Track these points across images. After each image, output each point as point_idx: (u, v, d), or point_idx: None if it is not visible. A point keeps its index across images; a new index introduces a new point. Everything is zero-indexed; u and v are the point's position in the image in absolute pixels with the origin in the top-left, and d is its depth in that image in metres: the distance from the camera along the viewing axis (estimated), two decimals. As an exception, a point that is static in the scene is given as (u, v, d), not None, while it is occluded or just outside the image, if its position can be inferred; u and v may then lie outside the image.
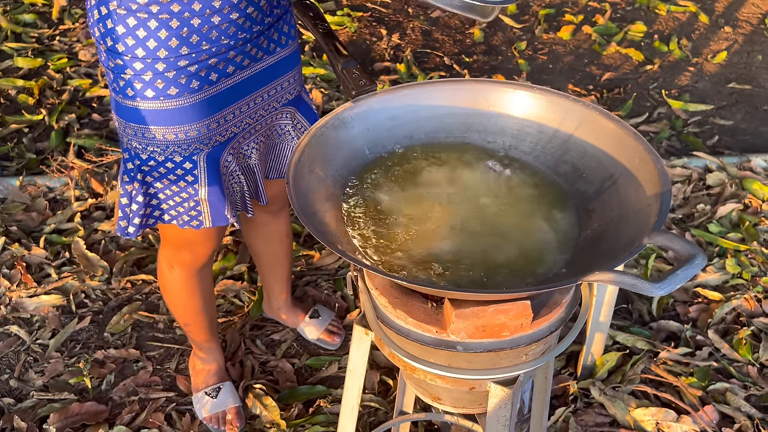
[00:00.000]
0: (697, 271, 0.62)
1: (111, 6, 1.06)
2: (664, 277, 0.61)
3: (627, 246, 0.70)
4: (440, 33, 3.11)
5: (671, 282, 0.61)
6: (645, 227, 0.70)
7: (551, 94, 0.91)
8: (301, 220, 0.71)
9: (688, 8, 3.35)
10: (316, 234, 0.71)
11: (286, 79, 1.31)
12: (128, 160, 1.22)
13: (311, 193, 0.79)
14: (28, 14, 3.15)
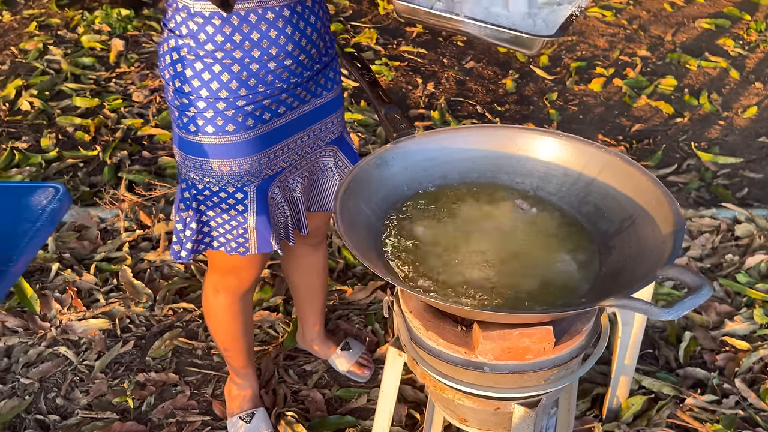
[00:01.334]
0: (703, 300, 0.68)
1: (182, 52, 1.19)
2: (672, 304, 0.68)
3: (642, 278, 0.76)
4: (473, 83, 3.23)
5: (679, 309, 0.67)
6: (660, 262, 0.77)
7: (576, 140, 0.99)
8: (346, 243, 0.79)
9: (718, 64, 3.42)
10: (360, 257, 0.80)
11: (330, 120, 1.41)
12: (185, 189, 1.33)
13: (355, 223, 0.88)
14: (87, 57, 3.38)
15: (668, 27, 3.79)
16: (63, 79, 3.22)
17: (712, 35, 3.72)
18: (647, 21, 3.85)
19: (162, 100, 3.08)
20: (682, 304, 0.68)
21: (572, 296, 0.84)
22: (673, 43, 3.63)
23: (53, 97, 3.11)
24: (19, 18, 3.80)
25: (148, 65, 3.33)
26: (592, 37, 3.67)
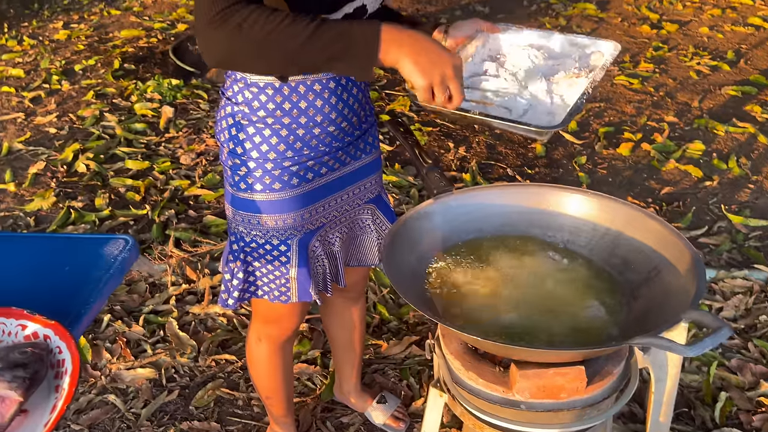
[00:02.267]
0: (723, 339, 0.74)
1: (237, 117, 1.32)
2: (694, 342, 0.74)
3: (668, 321, 0.83)
4: (504, 147, 3.35)
5: (701, 347, 0.73)
6: (683, 306, 0.83)
7: (602, 197, 1.07)
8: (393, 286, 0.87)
9: (746, 129, 3.48)
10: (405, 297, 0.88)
11: (369, 180, 1.52)
12: (234, 242, 1.44)
13: (400, 269, 0.96)
14: (139, 123, 3.60)
15: (695, 94, 3.89)
16: (117, 143, 3.43)
17: (738, 102, 3.80)
18: (673, 88, 3.96)
19: (207, 162, 3.26)
20: (702, 342, 0.74)
21: (602, 339, 0.91)
22: (700, 110, 3.71)
23: (107, 160, 3.31)
24: (77, 87, 4.08)
25: (195, 130, 3.53)
26: (620, 103, 3.79)
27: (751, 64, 4.26)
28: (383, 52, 0.96)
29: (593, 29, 4.84)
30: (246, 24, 0.95)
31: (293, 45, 0.96)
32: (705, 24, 4.87)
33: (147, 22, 5.11)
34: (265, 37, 0.95)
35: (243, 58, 1.00)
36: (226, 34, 0.96)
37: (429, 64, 0.97)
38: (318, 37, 0.96)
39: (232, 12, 0.96)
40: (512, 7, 5.34)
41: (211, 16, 0.97)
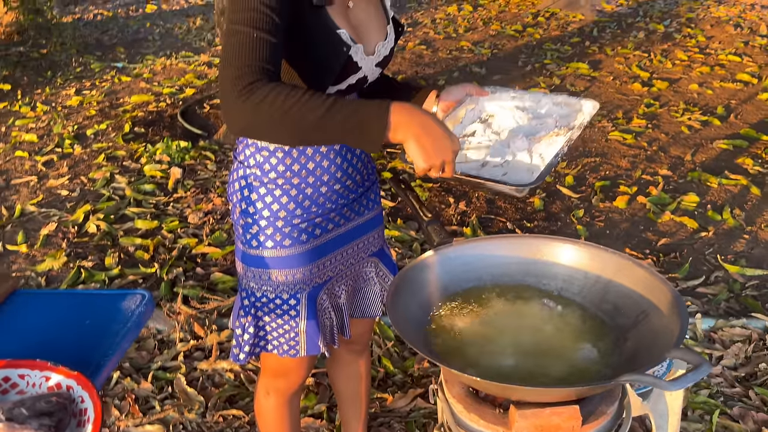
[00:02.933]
0: (704, 375, 0.79)
1: (249, 179, 1.40)
2: (677, 379, 0.79)
3: (655, 360, 0.88)
4: (503, 201, 3.44)
5: (683, 382, 0.79)
6: (669, 345, 0.89)
7: (593, 247, 1.15)
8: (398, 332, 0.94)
9: (739, 181, 3.58)
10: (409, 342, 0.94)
11: (372, 234, 1.60)
12: (245, 297, 1.50)
13: (404, 316, 1.02)
14: (148, 184, 3.71)
15: (687, 148, 4.01)
16: (126, 204, 3.53)
17: (730, 155, 3.92)
18: (666, 143, 4.08)
19: (215, 221, 3.35)
20: (684, 378, 0.79)
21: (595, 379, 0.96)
22: (693, 163, 3.82)
23: (117, 220, 3.40)
24: (89, 151, 4.22)
25: (202, 190, 3.64)
26: (615, 158, 3.90)
27: (741, 119, 4.40)
28: (392, 132, 1.04)
29: (586, 88, 5.02)
30: (268, 99, 1.04)
31: (310, 121, 1.04)
32: (694, 81, 5.05)
33: (156, 87, 5.31)
34: (286, 112, 1.04)
35: (264, 130, 1.09)
36: (250, 108, 1.05)
37: (433, 150, 1.05)
38: (333, 114, 1.04)
39: (255, 88, 1.05)
40: (508, 67, 5.54)
41: (238, 91, 1.06)
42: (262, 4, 1.11)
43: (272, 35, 1.12)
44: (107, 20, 7.68)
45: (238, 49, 1.10)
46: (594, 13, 7.08)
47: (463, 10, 7.38)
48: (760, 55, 5.61)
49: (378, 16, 1.35)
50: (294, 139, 1.14)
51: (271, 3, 1.12)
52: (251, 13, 1.11)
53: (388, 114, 1.04)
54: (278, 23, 1.13)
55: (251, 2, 1.12)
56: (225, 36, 1.14)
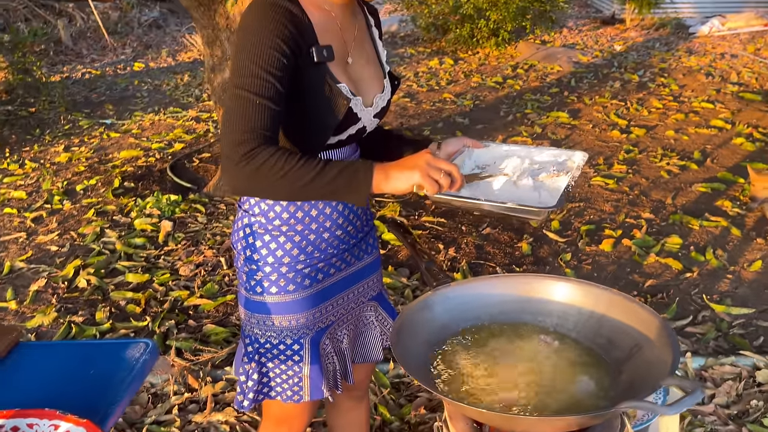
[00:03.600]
0: (697, 399, 0.83)
1: (254, 227, 1.44)
2: (674, 403, 0.83)
3: (650, 388, 0.92)
4: (491, 246, 3.49)
5: (678, 406, 0.82)
6: (663, 374, 0.93)
7: (585, 284, 1.19)
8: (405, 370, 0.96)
9: (719, 223, 3.68)
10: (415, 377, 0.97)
11: (371, 278, 1.63)
12: (249, 344, 1.52)
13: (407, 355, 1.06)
14: (139, 238, 3.73)
15: (667, 191, 4.12)
16: (117, 258, 3.54)
17: (709, 197, 4.03)
18: (647, 187, 4.20)
19: (206, 273, 3.36)
20: (680, 403, 0.83)
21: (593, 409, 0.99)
22: (674, 206, 3.93)
23: (108, 274, 3.40)
24: (78, 206, 4.24)
25: (193, 242, 3.66)
26: (598, 202, 4.00)
27: (717, 163, 4.55)
28: (375, 186, 1.16)
29: (567, 135, 5.17)
30: (266, 166, 1.14)
31: (302, 183, 1.15)
32: (670, 127, 5.23)
33: (145, 143, 5.38)
34: (282, 177, 1.14)
35: (262, 192, 1.20)
36: (249, 173, 1.15)
37: (408, 166, 1.17)
38: (323, 175, 1.15)
39: (255, 154, 1.15)
40: (490, 117, 5.70)
41: (239, 157, 1.15)
42: (266, 72, 1.18)
43: (274, 102, 1.19)
44: (95, 78, 7.80)
45: (241, 114, 1.18)
46: (571, 64, 7.34)
47: (445, 64, 7.61)
48: (731, 101, 5.84)
49: (375, 70, 1.43)
50: (289, 198, 1.25)
51: (274, 71, 1.19)
52: (255, 80, 1.18)
53: (371, 172, 1.15)
54: (280, 90, 1.21)
55: (255, 69, 1.19)
56: (228, 99, 1.21)
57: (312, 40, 1.27)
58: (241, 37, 1.21)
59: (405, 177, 1.16)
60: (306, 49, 1.25)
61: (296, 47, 1.23)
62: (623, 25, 9.55)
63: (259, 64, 1.18)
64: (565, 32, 9.28)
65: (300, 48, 1.24)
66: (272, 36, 1.19)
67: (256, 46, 1.19)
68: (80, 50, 9.22)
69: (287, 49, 1.21)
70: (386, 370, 2.52)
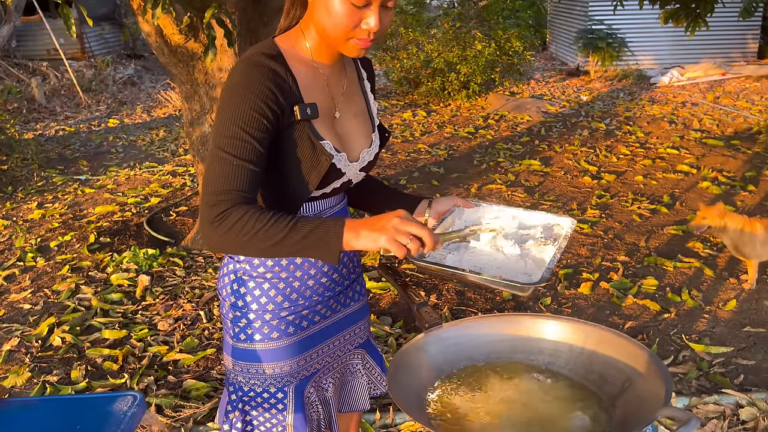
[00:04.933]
0: (693, 428, 0.85)
1: (239, 273, 1.45)
2: (670, 434, 0.84)
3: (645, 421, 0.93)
4: (472, 293, 3.51)
5: (676, 436, 0.84)
6: (656, 406, 0.95)
7: (574, 321, 1.21)
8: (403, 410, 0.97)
9: (692, 264, 3.76)
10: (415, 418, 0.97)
11: (358, 326, 1.63)
12: (233, 392, 1.50)
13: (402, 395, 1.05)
14: (115, 294, 3.67)
15: (640, 235, 4.21)
16: (93, 314, 3.46)
17: (680, 240, 4.13)
18: (621, 231, 4.29)
19: (185, 327, 3.31)
20: (677, 432, 0.85)
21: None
22: (648, 248, 4.01)
23: (83, 331, 3.33)
24: (52, 263, 4.17)
25: (171, 296, 3.61)
26: (574, 246, 4.06)
27: (686, 206, 4.68)
28: (345, 244, 1.15)
29: (540, 182, 5.28)
30: (237, 227, 1.16)
31: (273, 242, 1.16)
32: (639, 173, 5.38)
33: (121, 198, 5.35)
34: (252, 236, 1.16)
35: (235, 250, 1.21)
36: (221, 234, 1.17)
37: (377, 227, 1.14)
38: (293, 234, 1.16)
39: (226, 215, 1.17)
40: (464, 166, 5.81)
41: (212, 218, 1.18)
42: (247, 134, 1.20)
43: (253, 164, 1.21)
44: (69, 135, 7.79)
45: (219, 174, 1.20)
46: (540, 114, 7.56)
47: (418, 116, 7.78)
48: (695, 147, 6.05)
49: (364, 124, 1.45)
50: (262, 255, 1.25)
51: (255, 132, 1.21)
52: (235, 141, 1.20)
53: (342, 228, 1.15)
54: (260, 152, 1.22)
55: (236, 131, 1.20)
56: (209, 158, 1.23)
57: (296, 99, 1.28)
58: (225, 95, 1.23)
59: (372, 238, 1.13)
60: (289, 108, 1.27)
61: (278, 108, 1.24)
62: (588, 76, 9.91)
63: (240, 125, 1.20)
64: (533, 84, 9.59)
65: (282, 108, 1.25)
66: (254, 97, 1.21)
67: (238, 107, 1.20)
68: (54, 108, 9.23)
69: (269, 111, 1.22)
70: (372, 420, 2.49)
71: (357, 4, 1.18)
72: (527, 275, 1.19)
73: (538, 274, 1.17)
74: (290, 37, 1.33)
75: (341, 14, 1.19)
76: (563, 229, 1.35)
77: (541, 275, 1.16)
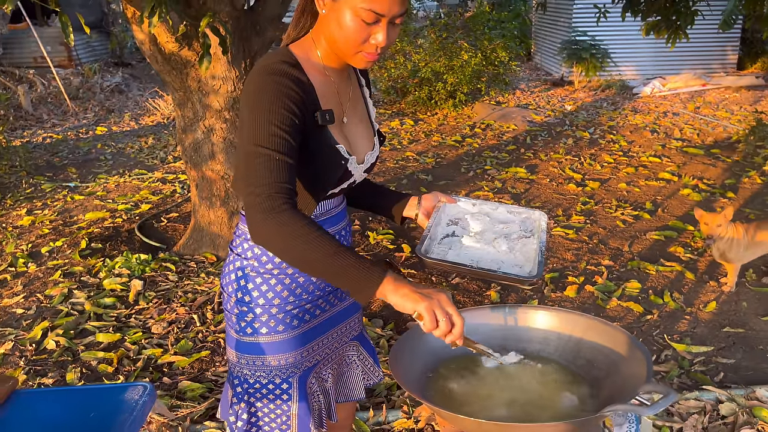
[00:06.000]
0: (672, 401, 0.93)
1: (246, 270, 1.51)
2: (653, 404, 0.92)
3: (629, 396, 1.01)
4: (461, 295, 3.59)
5: (656, 407, 0.91)
6: (639, 384, 1.03)
7: (562, 311, 1.29)
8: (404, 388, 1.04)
9: (674, 267, 3.87)
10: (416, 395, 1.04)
11: (353, 319, 1.71)
12: (238, 385, 1.56)
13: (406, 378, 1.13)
14: (108, 298, 3.70)
15: (624, 240, 4.32)
16: (86, 318, 3.49)
17: (662, 245, 4.25)
18: (605, 236, 4.40)
19: (179, 330, 3.35)
20: (658, 404, 0.92)
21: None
22: (631, 253, 4.12)
23: (77, 335, 3.35)
24: (44, 268, 4.18)
25: (165, 300, 3.65)
26: (560, 251, 4.16)
27: (668, 212, 4.81)
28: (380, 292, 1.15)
29: (526, 189, 5.39)
30: (292, 226, 1.18)
31: (315, 256, 1.17)
32: (622, 180, 5.51)
33: (111, 204, 5.37)
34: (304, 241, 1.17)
35: (277, 246, 1.20)
36: (276, 226, 1.18)
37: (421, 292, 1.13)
38: (335, 260, 1.16)
39: (282, 210, 1.19)
40: (452, 174, 5.91)
41: (265, 210, 1.19)
42: (283, 131, 1.26)
43: (290, 157, 1.26)
44: (57, 143, 7.79)
45: (264, 169, 1.24)
46: (525, 123, 7.70)
47: (405, 124, 7.88)
48: (677, 155, 6.20)
49: (366, 129, 1.54)
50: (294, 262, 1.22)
51: (288, 128, 1.27)
52: (274, 138, 1.25)
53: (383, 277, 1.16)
54: (294, 146, 1.28)
55: (272, 128, 1.26)
56: (248, 156, 1.26)
57: (315, 105, 1.36)
58: (253, 99, 1.28)
59: (413, 299, 1.12)
60: (310, 113, 1.34)
61: (304, 109, 1.32)
62: (572, 86, 10.09)
63: (276, 123, 1.25)
64: (519, 93, 9.74)
65: (307, 110, 1.33)
66: (285, 98, 1.27)
67: (271, 107, 1.26)
68: (41, 115, 9.22)
69: (298, 111, 1.29)
70: (366, 418, 2.55)
71: (367, 20, 1.26)
72: (518, 266, 1.27)
73: (529, 267, 1.25)
74: (303, 46, 1.41)
75: (352, 29, 1.27)
76: (539, 222, 1.44)
77: (537, 270, 1.24)
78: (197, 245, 4.27)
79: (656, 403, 0.92)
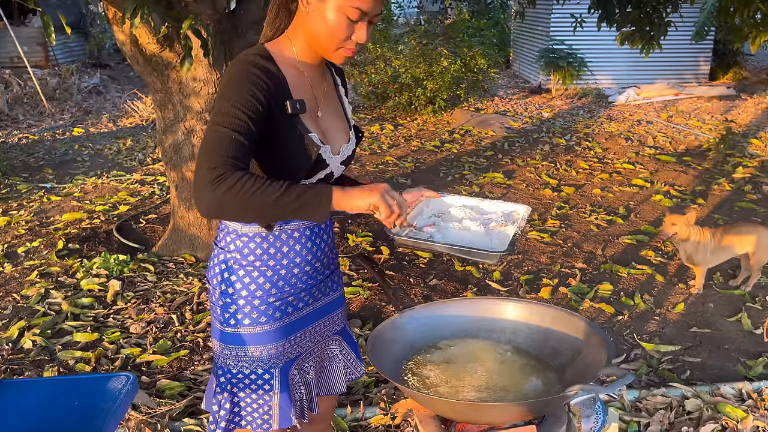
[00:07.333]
0: (628, 381, 1.00)
1: (230, 263, 1.56)
2: (611, 384, 0.98)
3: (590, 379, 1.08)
4: (439, 296, 3.66)
5: (612, 387, 0.98)
6: (600, 367, 1.09)
7: (530, 303, 1.36)
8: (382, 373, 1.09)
9: (645, 271, 3.98)
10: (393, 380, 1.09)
11: (336, 314, 1.76)
12: (221, 375, 1.60)
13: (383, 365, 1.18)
14: (86, 298, 3.69)
15: (597, 243, 4.43)
16: (63, 318, 3.49)
17: (634, 248, 4.36)
18: (579, 240, 4.50)
19: (158, 330, 3.36)
20: (615, 383, 0.99)
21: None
22: (604, 256, 4.22)
23: (54, 335, 3.35)
24: (20, 269, 4.16)
25: (143, 301, 3.66)
26: (535, 254, 4.25)
27: (640, 217, 4.93)
28: (335, 202, 1.29)
29: (503, 194, 5.48)
30: (236, 186, 1.25)
31: (268, 202, 1.26)
32: (597, 186, 5.64)
33: (88, 205, 5.35)
34: (251, 195, 1.25)
35: (232, 210, 1.28)
36: (221, 192, 1.25)
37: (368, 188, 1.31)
38: (288, 194, 1.27)
39: (225, 177, 1.26)
40: (431, 178, 5.99)
41: (211, 179, 1.26)
42: (242, 112, 1.33)
43: (246, 138, 1.33)
44: (33, 143, 7.72)
45: (217, 143, 1.31)
46: (503, 129, 7.82)
47: (385, 129, 7.95)
48: (649, 162, 6.35)
49: (342, 123, 1.61)
50: (256, 217, 1.33)
51: (249, 112, 1.34)
52: (231, 118, 1.33)
53: (332, 188, 1.30)
54: (252, 131, 1.35)
55: (232, 110, 1.34)
56: (207, 132, 1.35)
57: (287, 95, 1.44)
58: (223, 87, 1.37)
59: (364, 196, 1.28)
60: (281, 102, 1.42)
61: (272, 98, 1.39)
62: (549, 94, 10.26)
63: (236, 106, 1.33)
64: (497, 100, 9.88)
65: (276, 100, 1.40)
66: (250, 85, 1.36)
67: (236, 93, 1.34)
68: (16, 115, 9.12)
69: (262, 97, 1.36)
70: (344, 414, 2.60)
71: (352, 18, 1.34)
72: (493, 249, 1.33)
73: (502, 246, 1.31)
74: (278, 44, 1.48)
75: (336, 26, 1.35)
76: (520, 215, 1.50)
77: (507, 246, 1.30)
78: (176, 246, 4.28)
79: (613, 384, 0.99)
